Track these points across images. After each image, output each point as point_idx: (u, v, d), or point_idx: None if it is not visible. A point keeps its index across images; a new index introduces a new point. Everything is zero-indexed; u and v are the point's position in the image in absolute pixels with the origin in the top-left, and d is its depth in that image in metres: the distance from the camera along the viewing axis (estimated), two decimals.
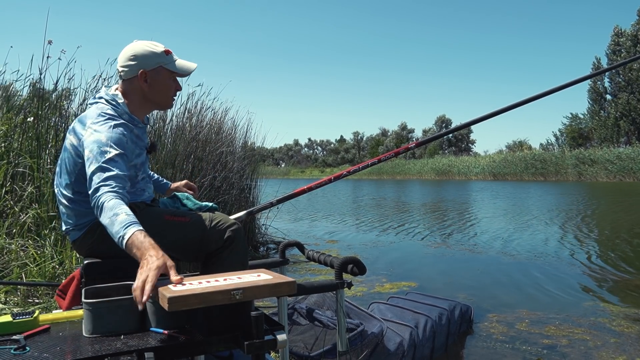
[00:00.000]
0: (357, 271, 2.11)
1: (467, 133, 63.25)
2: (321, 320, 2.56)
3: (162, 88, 1.77)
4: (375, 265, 5.26)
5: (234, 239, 1.79)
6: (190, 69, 1.80)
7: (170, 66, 1.76)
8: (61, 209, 1.74)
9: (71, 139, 1.68)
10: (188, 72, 1.80)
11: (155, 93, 1.77)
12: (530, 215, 10.71)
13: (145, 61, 1.72)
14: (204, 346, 1.30)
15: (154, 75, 1.74)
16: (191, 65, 1.80)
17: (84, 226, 1.69)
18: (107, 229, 1.43)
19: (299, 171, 68.52)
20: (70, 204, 1.70)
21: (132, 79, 1.74)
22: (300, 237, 7.20)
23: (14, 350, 1.22)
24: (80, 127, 1.67)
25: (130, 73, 1.73)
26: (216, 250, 1.78)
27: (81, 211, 1.69)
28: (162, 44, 1.78)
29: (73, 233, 1.72)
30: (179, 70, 1.77)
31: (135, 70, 1.73)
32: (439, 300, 3.17)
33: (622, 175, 30.28)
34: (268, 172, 10.91)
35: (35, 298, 3.03)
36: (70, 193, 1.69)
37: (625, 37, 41.10)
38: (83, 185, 1.63)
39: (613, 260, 5.51)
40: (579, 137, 46.14)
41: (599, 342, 2.91)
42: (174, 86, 1.80)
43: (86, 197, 1.65)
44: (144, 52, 1.73)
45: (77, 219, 1.70)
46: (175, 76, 1.79)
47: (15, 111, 4.33)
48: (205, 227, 1.77)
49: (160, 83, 1.76)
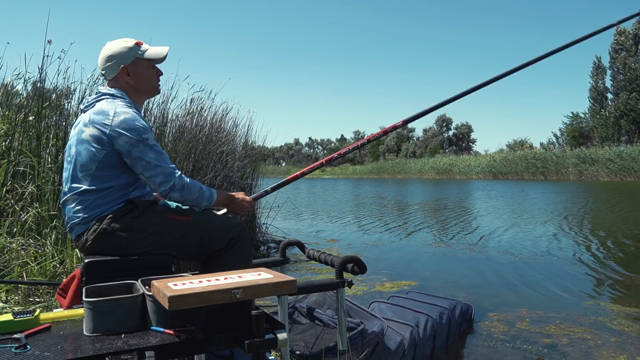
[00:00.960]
0: (358, 270, 2.11)
1: (468, 132, 63.21)
2: (322, 319, 2.56)
3: (145, 77, 1.89)
4: (376, 265, 5.26)
5: (237, 240, 1.81)
6: (163, 53, 1.91)
7: (145, 55, 1.87)
8: (68, 204, 1.75)
9: (90, 130, 1.72)
10: (162, 56, 1.91)
11: (140, 83, 1.88)
12: (530, 214, 10.70)
13: (122, 57, 1.84)
14: (204, 345, 1.30)
15: (134, 67, 1.86)
16: (163, 50, 1.92)
17: (90, 219, 1.71)
18: (196, 197, 1.80)
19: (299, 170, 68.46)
20: (82, 195, 1.72)
21: (116, 77, 1.86)
22: (301, 236, 7.20)
23: (15, 348, 1.22)
24: (102, 118, 1.72)
25: (112, 72, 1.85)
26: (218, 250, 1.79)
27: (90, 203, 1.71)
28: (132, 39, 1.89)
29: (78, 227, 1.73)
30: (154, 56, 1.89)
31: (116, 68, 1.84)
32: (439, 300, 3.17)
33: (623, 174, 30.26)
34: (269, 171, 10.90)
35: (36, 297, 3.03)
36: (86, 184, 1.72)
37: (626, 36, 41.06)
38: (104, 173, 1.72)
39: (614, 260, 5.50)
40: (579, 136, 46.09)
41: (599, 341, 2.91)
42: (155, 72, 1.92)
43: (101, 189, 1.72)
44: (119, 50, 1.84)
45: (86, 211, 1.71)
46: (152, 63, 1.91)
47: (15, 110, 4.33)
48: (207, 227, 1.79)
49: (142, 73, 1.88)
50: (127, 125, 1.69)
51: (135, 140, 1.69)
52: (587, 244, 6.65)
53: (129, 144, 1.69)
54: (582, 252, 6.01)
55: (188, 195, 1.78)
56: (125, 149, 1.69)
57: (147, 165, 1.71)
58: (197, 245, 1.78)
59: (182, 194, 1.77)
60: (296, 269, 5.06)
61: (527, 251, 6.11)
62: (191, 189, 1.79)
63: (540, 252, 6.04)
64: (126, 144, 1.69)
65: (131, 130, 1.69)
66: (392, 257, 5.82)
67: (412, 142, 64.64)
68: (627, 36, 40.97)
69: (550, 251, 6.08)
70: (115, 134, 1.69)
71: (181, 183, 1.76)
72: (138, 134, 1.70)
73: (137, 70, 1.86)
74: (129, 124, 1.69)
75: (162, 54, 1.90)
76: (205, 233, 1.78)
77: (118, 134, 1.68)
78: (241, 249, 1.81)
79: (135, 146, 1.69)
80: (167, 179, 1.73)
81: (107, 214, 1.70)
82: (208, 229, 1.78)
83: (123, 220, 1.69)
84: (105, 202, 1.71)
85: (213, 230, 1.78)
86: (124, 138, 1.68)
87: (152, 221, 1.73)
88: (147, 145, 1.71)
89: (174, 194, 1.77)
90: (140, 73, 1.87)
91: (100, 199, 1.71)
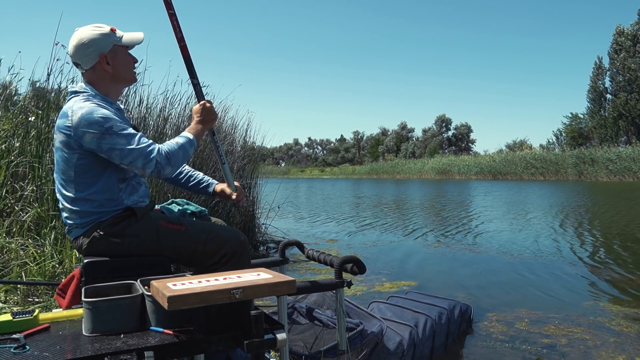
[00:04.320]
0: (357, 270, 2.11)
1: (467, 133, 63.23)
2: (321, 319, 2.56)
3: (124, 64, 1.80)
4: (375, 265, 5.26)
5: (232, 255, 1.73)
6: (140, 38, 1.82)
7: (122, 42, 1.78)
8: (63, 208, 1.74)
9: (58, 136, 1.67)
10: (139, 42, 1.82)
11: (120, 72, 1.79)
12: (529, 214, 10.70)
13: (100, 45, 1.73)
14: (203, 345, 1.30)
15: (113, 55, 1.76)
16: (139, 35, 1.83)
17: (86, 225, 1.69)
18: (183, 154, 1.71)
19: (298, 170, 68.51)
20: (72, 203, 1.69)
21: (94, 67, 1.75)
22: (300, 236, 7.20)
23: (14, 349, 1.22)
24: (64, 121, 1.65)
25: (90, 61, 1.74)
26: (211, 265, 1.73)
27: (82, 211, 1.69)
28: (104, 24, 1.78)
29: (75, 231, 1.72)
30: (131, 42, 1.80)
31: (95, 57, 1.73)
32: (438, 300, 3.17)
33: (622, 174, 30.29)
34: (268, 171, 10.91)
35: (35, 297, 3.03)
36: (72, 192, 1.68)
37: (625, 36, 41.08)
38: (83, 179, 1.65)
39: (612, 260, 5.51)
40: (579, 136, 46.11)
41: (598, 341, 2.91)
42: (132, 59, 1.83)
43: (87, 195, 1.67)
44: (96, 37, 1.73)
45: (79, 218, 1.70)
46: (128, 50, 1.82)
47: (16, 110, 4.33)
48: (200, 240, 1.72)
49: (121, 61, 1.78)
50: (87, 120, 1.59)
51: (99, 133, 1.59)
52: (586, 244, 6.65)
53: (95, 139, 1.59)
54: (581, 252, 6.02)
55: (176, 162, 1.69)
56: (95, 145, 1.60)
57: (121, 153, 1.60)
58: (189, 257, 1.74)
59: (171, 164, 1.67)
60: (295, 269, 5.06)
61: (526, 251, 6.11)
62: (175, 154, 1.68)
63: (539, 252, 6.04)
64: (92, 140, 1.59)
65: (91, 124, 1.58)
66: (392, 258, 5.82)
67: (411, 142, 64.67)
68: (626, 37, 40.99)
69: (549, 251, 6.08)
70: (79, 133, 1.60)
71: (163, 156, 1.65)
72: (100, 126, 1.58)
73: (116, 58, 1.76)
74: (87, 119, 1.59)
75: (139, 39, 1.81)
76: (197, 246, 1.71)
77: (82, 132, 1.59)
78: (236, 266, 1.69)
79: (102, 139, 1.59)
80: (147, 159, 1.62)
81: (104, 219, 1.67)
82: (201, 242, 1.71)
83: (118, 227, 1.66)
84: (96, 207, 1.67)
85: (206, 245, 1.71)
86: (88, 135, 1.59)
87: (144, 229, 1.69)
88: (113, 134, 1.59)
89: (164, 171, 1.66)
90: (119, 61, 1.77)
91: (89, 204, 1.67)
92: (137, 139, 1.63)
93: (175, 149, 1.69)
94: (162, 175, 1.70)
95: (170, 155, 1.67)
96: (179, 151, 1.70)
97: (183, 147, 1.72)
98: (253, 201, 6.44)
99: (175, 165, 1.69)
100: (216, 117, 1.88)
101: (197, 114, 1.83)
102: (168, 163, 1.66)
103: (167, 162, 1.66)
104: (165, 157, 1.65)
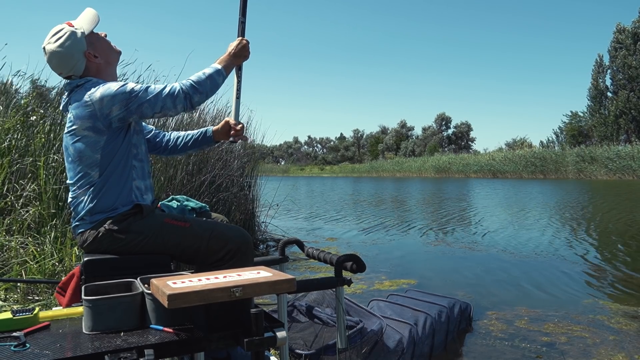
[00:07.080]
0: (357, 269, 2.11)
1: (467, 131, 63.23)
2: (321, 317, 2.57)
3: (105, 48, 1.83)
4: (375, 263, 5.27)
5: (235, 252, 1.73)
6: (96, 17, 1.82)
7: (88, 30, 1.78)
8: (74, 202, 1.74)
9: (82, 124, 1.68)
10: (98, 19, 1.83)
11: (107, 56, 1.83)
12: (529, 213, 10.71)
13: (78, 46, 1.75)
14: (203, 343, 1.31)
15: (93, 47, 1.78)
16: (91, 14, 1.82)
17: (95, 220, 1.70)
18: (211, 82, 1.77)
19: (298, 169, 68.51)
20: (88, 196, 1.70)
21: (86, 67, 1.78)
22: (300, 235, 7.20)
23: (14, 347, 1.22)
24: (84, 108, 1.67)
25: (80, 65, 1.77)
26: (215, 262, 1.73)
27: (95, 205, 1.70)
28: (59, 25, 1.77)
29: (82, 225, 1.73)
30: (94, 24, 1.81)
31: (81, 58, 1.76)
32: (438, 298, 3.17)
33: (622, 173, 30.30)
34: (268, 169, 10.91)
35: (35, 295, 3.03)
36: (91, 181, 1.70)
37: (626, 34, 41.03)
38: (107, 160, 1.69)
39: (612, 258, 5.51)
40: (579, 135, 46.11)
41: (597, 339, 2.92)
42: (103, 36, 1.85)
43: (104, 188, 1.69)
44: (70, 42, 1.74)
45: (89, 215, 1.70)
46: (93, 32, 1.81)
47: (18, 109, 4.32)
48: (204, 237, 1.73)
49: (101, 47, 1.82)
50: (109, 95, 1.64)
51: (125, 100, 1.65)
52: (585, 242, 6.66)
53: (123, 106, 1.65)
54: (581, 250, 6.02)
55: (205, 89, 1.76)
56: (124, 112, 1.66)
57: (149, 103, 1.67)
58: (193, 254, 1.74)
59: (199, 92, 1.74)
60: (295, 267, 5.07)
61: (526, 250, 6.11)
62: (202, 83, 1.76)
63: (539, 250, 6.05)
64: (121, 108, 1.65)
65: (115, 96, 1.65)
66: (391, 256, 5.83)
67: (411, 140, 64.67)
68: (627, 34, 40.94)
69: (549, 250, 6.09)
70: (105, 110, 1.65)
71: (188, 86, 1.73)
72: (123, 94, 1.65)
73: (96, 46, 1.79)
74: (109, 94, 1.65)
75: (96, 17, 1.82)
76: (202, 244, 1.72)
77: (108, 108, 1.65)
78: (239, 262, 1.70)
79: (130, 102, 1.66)
80: (174, 95, 1.70)
81: (113, 215, 1.68)
82: (205, 239, 1.71)
83: (124, 223, 1.68)
84: (109, 203, 1.69)
85: (210, 241, 1.72)
86: (116, 107, 1.65)
87: (149, 225, 1.70)
88: (136, 94, 1.66)
89: (194, 99, 1.73)
90: (100, 47, 1.80)
91: (103, 198, 1.69)
92: (155, 87, 1.71)
93: (202, 78, 1.77)
94: (195, 104, 1.76)
95: (197, 83, 1.75)
96: (206, 80, 1.77)
97: (211, 76, 1.80)
98: (253, 199, 6.44)
99: (204, 92, 1.77)
100: (248, 56, 1.97)
101: (233, 48, 1.92)
102: (196, 91, 1.74)
103: (195, 90, 1.74)
104: (191, 86, 1.73)
